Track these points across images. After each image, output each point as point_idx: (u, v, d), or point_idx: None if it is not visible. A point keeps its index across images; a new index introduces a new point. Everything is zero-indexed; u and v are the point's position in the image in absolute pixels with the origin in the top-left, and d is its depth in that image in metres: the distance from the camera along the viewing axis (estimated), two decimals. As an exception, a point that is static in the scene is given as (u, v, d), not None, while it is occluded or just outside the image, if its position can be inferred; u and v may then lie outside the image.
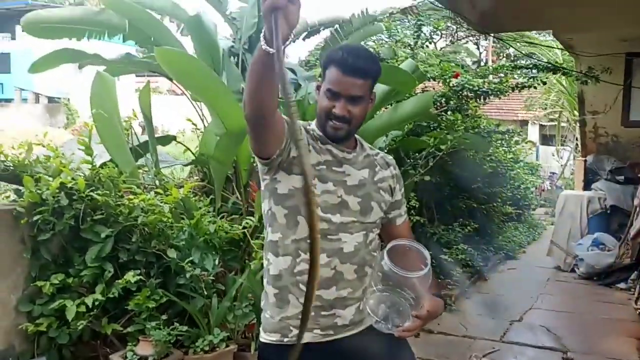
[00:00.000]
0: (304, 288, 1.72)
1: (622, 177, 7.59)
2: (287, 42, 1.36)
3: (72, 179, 3.26)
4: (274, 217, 1.81)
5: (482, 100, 6.90)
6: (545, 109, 16.15)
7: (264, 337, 1.84)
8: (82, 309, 3.10)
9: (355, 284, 1.81)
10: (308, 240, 1.72)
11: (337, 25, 6.01)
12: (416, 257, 1.69)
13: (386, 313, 1.66)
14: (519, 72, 7.61)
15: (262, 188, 1.86)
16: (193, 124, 4.95)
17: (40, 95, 26.84)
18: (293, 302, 1.78)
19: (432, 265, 1.66)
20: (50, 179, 3.24)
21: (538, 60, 8.52)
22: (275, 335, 1.81)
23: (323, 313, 1.78)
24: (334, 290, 1.78)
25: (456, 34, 14.88)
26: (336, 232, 1.77)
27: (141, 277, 3.28)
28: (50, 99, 26.93)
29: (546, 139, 19.56)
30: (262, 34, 1.38)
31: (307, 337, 1.73)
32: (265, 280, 1.88)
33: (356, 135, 1.91)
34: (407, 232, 2.00)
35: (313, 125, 1.88)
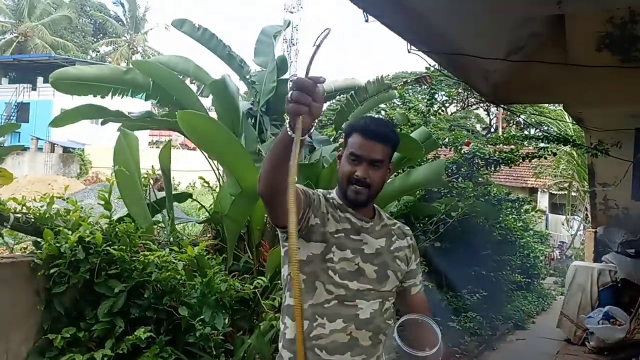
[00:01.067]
0: (319, 353, 1.76)
1: (633, 251, 7.50)
2: (310, 129, 1.50)
3: (90, 232, 3.33)
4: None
5: (492, 168, 7.00)
6: (555, 177, 16.23)
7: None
8: (91, 364, 3.09)
9: (370, 351, 1.83)
10: (325, 305, 1.78)
11: (352, 92, 6.18)
12: (430, 330, 1.73)
13: None
14: (528, 141, 7.73)
15: (282, 254, 1.93)
16: (205, 181, 5.05)
17: (56, 145, 27.39)
18: None
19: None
20: (70, 232, 3.30)
21: (548, 128, 8.63)
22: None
23: None
24: (349, 356, 1.80)
25: (467, 100, 15.17)
26: (353, 299, 1.82)
27: (151, 333, 3.28)
28: (65, 149, 27.44)
29: (556, 208, 19.55)
30: (287, 122, 1.49)
31: None
32: (280, 344, 1.91)
33: (375, 206, 1.97)
34: (422, 302, 2.04)
35: (333, 193, 1.95)
